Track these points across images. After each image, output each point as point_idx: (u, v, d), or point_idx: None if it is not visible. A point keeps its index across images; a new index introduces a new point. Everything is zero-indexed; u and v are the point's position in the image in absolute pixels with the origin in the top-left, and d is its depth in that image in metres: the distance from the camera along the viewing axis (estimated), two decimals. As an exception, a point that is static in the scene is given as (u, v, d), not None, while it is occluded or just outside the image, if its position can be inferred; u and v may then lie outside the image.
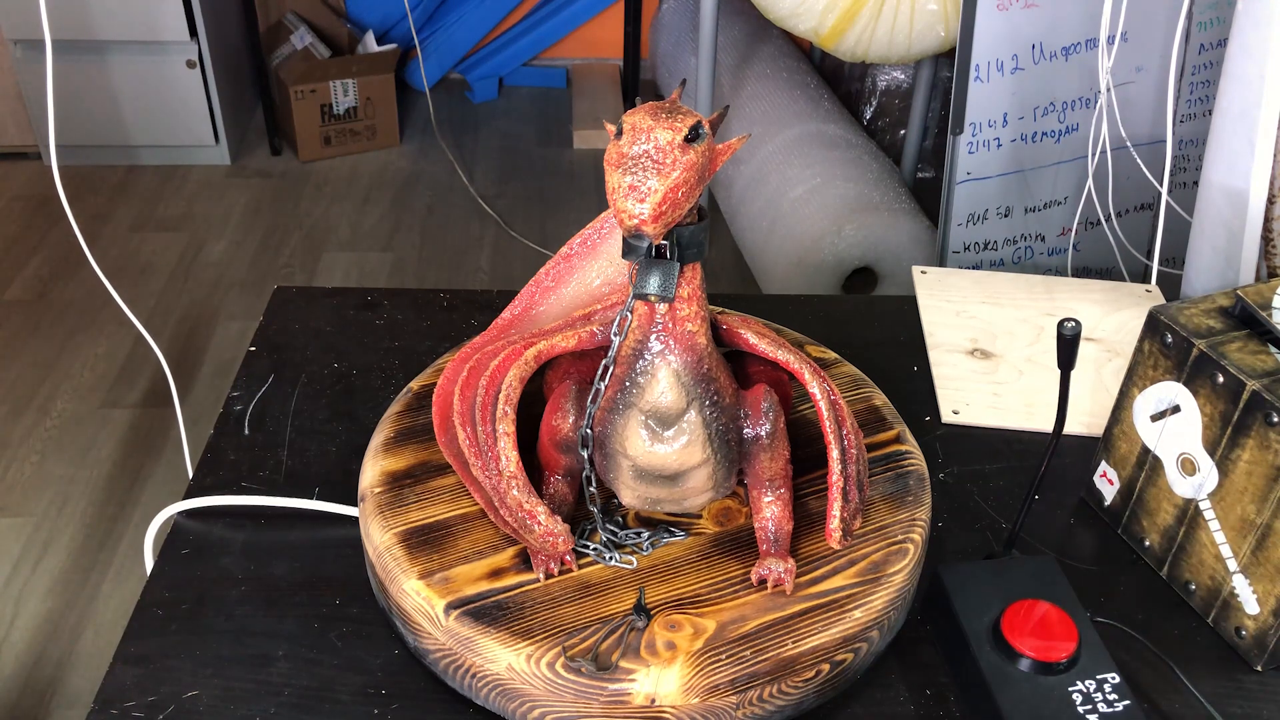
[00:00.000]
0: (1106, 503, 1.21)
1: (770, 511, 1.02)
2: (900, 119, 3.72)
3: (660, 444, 0.97)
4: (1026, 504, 1.08)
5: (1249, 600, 1.06)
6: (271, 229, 3.67)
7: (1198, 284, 1.48)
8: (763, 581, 0.99)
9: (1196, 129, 2.07)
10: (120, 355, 3.11)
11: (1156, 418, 1.13)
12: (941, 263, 2.23)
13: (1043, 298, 1.55)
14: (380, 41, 4.19)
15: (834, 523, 0.99)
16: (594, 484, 1.03)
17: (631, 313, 0.94)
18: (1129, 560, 1.17)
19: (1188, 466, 1.10)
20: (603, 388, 0.97)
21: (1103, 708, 0.94)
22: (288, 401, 1.31)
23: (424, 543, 1.01)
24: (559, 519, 0.99)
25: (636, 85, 4.47)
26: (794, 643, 0.95)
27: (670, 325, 0.94)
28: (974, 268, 2.22)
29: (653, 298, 0.91)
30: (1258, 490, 1.03)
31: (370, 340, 1.40)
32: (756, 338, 1.02)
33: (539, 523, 0.98)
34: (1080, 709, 0.94)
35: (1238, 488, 1.05)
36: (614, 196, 0.85)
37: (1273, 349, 1.06)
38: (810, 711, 0.97)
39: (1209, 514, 1.08)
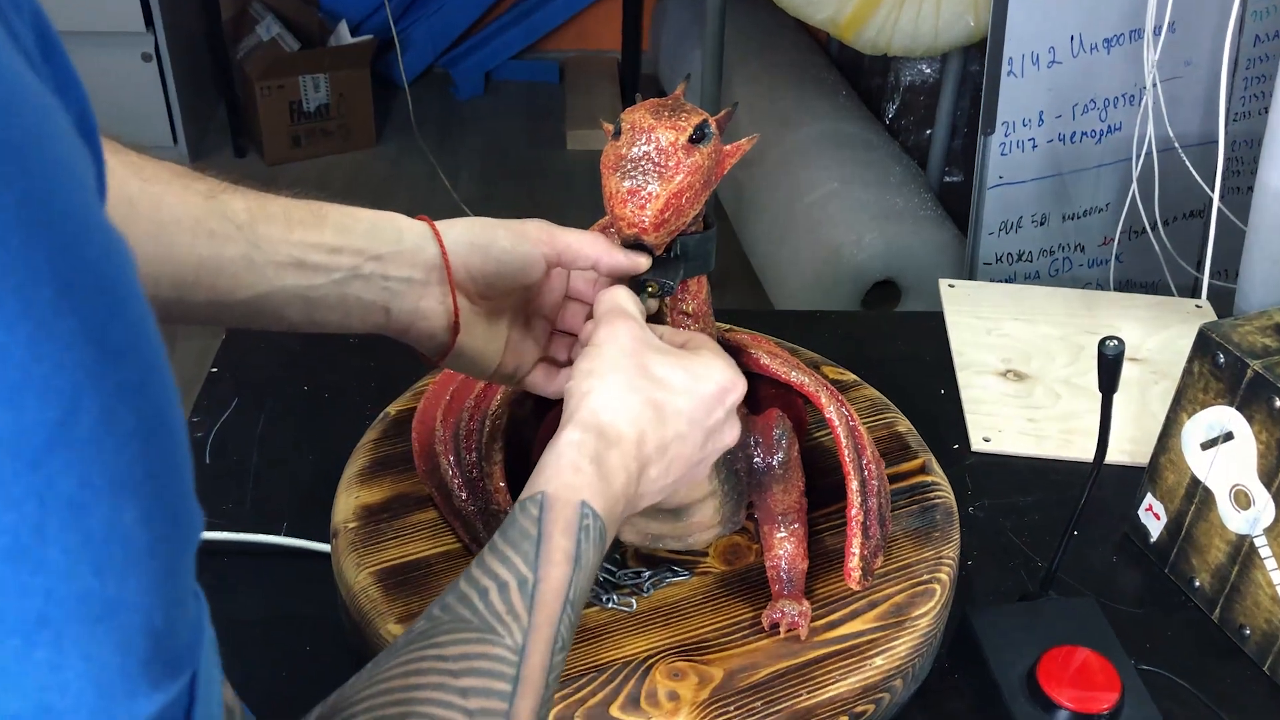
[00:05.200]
0: (1152, 539, 1.21)
1: (783, 549, 1.02)
2: (926, 117, 3.73)
3: (662, 474, 0.97)
4: (1064, 540, 1.08)
5: (1310, 646, 1.06)
6: (235, 238, 3.68)
7: (1253, 298, 1.48)
8: (775, 626, 1.00)
9: (1251, 128, 2.08)
10: (68, 376, 3.12)
11: (1207, 446, 1.13)
12: (971, 275, 2.23)
13: (1082, 314, 1.55)
14: (355, 32, 4.20)
15: (853, 561, 0.99)
16: (589, 518, 1.03)
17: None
18: (1177, 602, 1.17)
19: (1242, 499, 1.10)
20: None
21: (1149, 765, 0.94)
22: (253, 428, 1.31)
23: (403, 583, 1.02)
24: (551, 556, 0.99)
25: (636, 80, 4.48)
26: (809, 693, 0.95)
27: (673, 344, 0.95)
28: (1007, 280, 2.23)
29: (651, 287, 0.91)
30: (1319, 525, 1.03)
31: (343, 360, 1.40)
32: (768, 358, 1.02)
33: (529, 561, 0.98)
34: (1124, 766, 0.94)
35: (1297, 522, 1.05)
36: (611, 202, 0.86)
37: (1334, 370, 1.06)
38: (827, 769, 0.97)
39: (1265, 551, 1.08)
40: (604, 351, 0.81)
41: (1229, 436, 1.10)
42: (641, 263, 0.88)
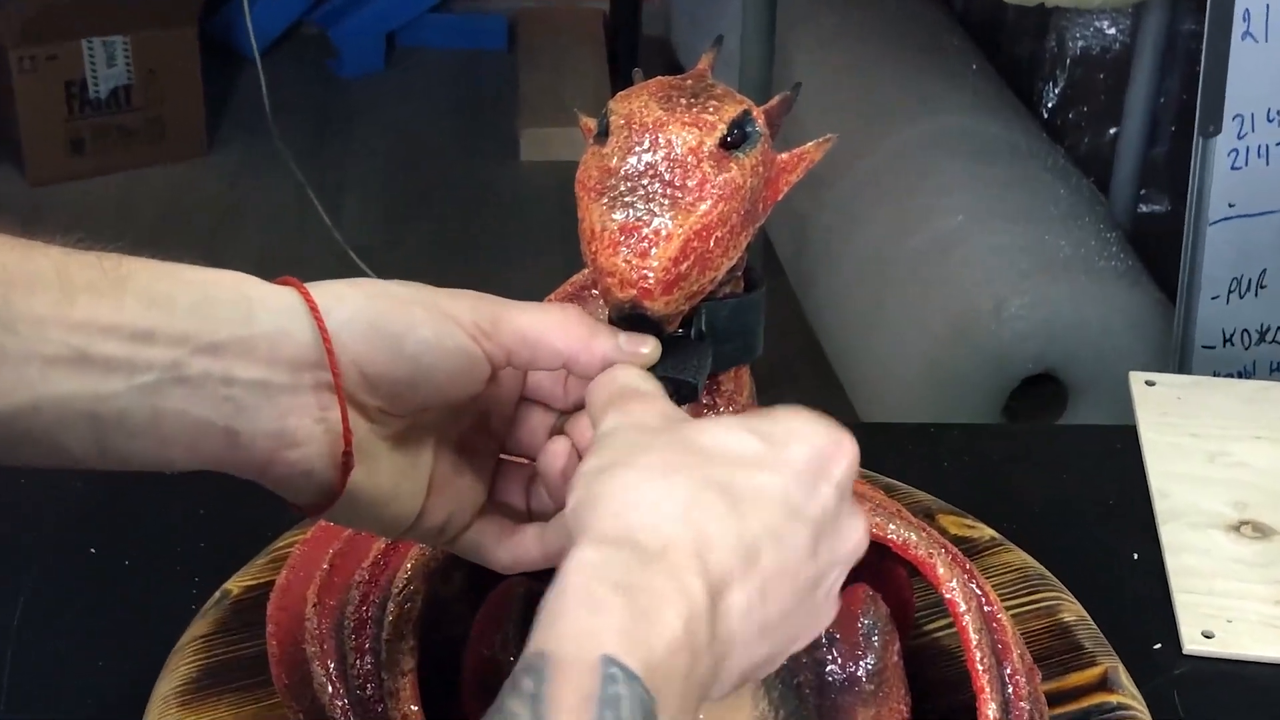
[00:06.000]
0: None
1: (876, 813, 1.03)
2: (1108, 108, 3.75)
3: (678, 691, 0.98)
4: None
5: None
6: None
7: None
8: None
9: None
10: None
11: None
12: (1182, 367, 2.24)
13: (1365, 429, 1.56)
14: (174, -30, 4.23)
15: (991, 833, 0.99)
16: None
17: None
18: None
19: None
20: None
21: None
22: (7, 614, 1.32)
23: None
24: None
25: (636, 46, 4.50)
26: None
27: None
28: (1240, 374, 2.24)
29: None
30: None
31: (155, 506, 1.41)
32: (850, 500, 1.03)
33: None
34: None
35: None
36: (595, 247, 0.86)
37: None
38: None
39: None
40: (619, 437, 0.80)
41: None
42: (644, 352, 0.88)
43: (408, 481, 0.90)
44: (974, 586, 1.03)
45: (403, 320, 0.85)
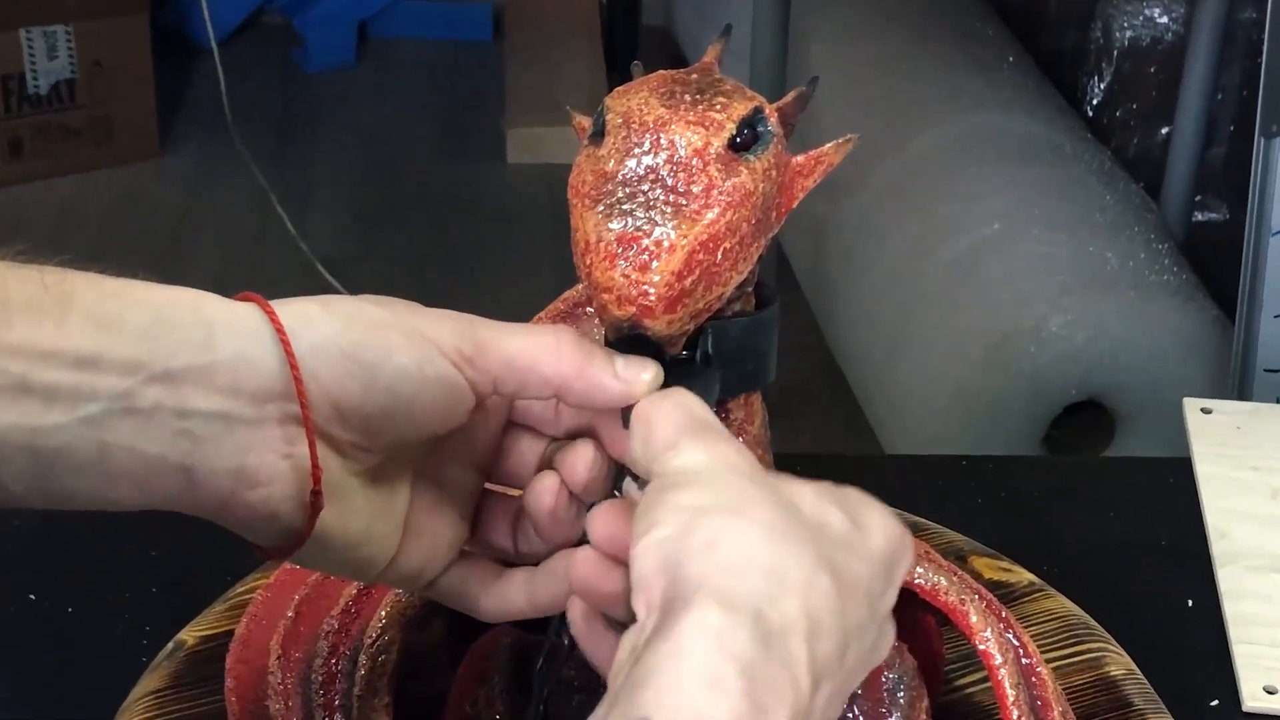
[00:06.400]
0: None
1: None
2: (1160, 105, 3.75)
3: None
4: None
5: None
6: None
7: None
8: None
9: None
10: None
11: None
12: (1241, 393, 2.24)
13: None
14: (123, -47, 4.24)
15: None
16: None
17: (623, 491, 0.95)
18: None
19: None
20: (565, 643, 0.98)
21: None
22: (-65, 667, 1.32)
23: None
24: None
25: (635, 37, 4.51)
26: None
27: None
28: (1308, 401, 2.24)
29: None
30: None
31: (102, 545, 1.41)
32: (874, 541, 1.03)
33: None
34: None
35: None
36: (589, 259, 0.86)
37: None
38: None
39: None
40: (715, 477, 0.77)
41: None
42: (644, 379, 0.87)
43: (382, 521, 0.89)
44: (1011, 636, 1.03)
45: (378, 346, 0.84)
